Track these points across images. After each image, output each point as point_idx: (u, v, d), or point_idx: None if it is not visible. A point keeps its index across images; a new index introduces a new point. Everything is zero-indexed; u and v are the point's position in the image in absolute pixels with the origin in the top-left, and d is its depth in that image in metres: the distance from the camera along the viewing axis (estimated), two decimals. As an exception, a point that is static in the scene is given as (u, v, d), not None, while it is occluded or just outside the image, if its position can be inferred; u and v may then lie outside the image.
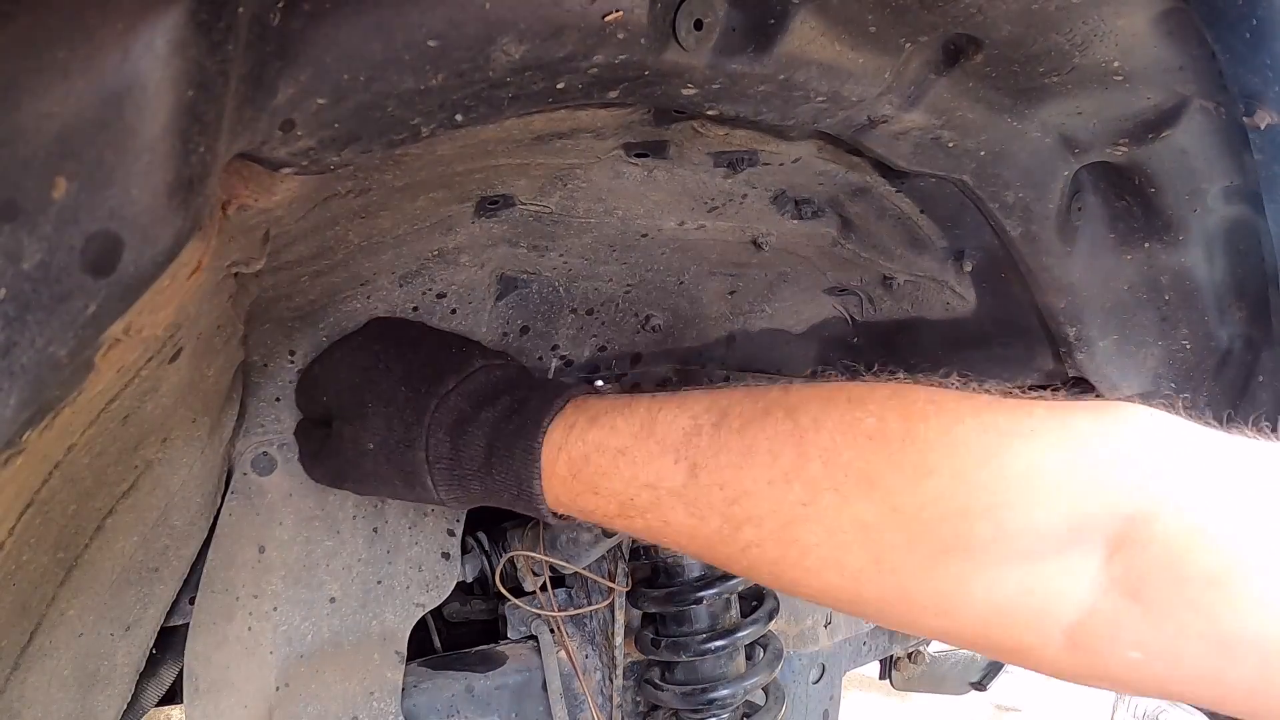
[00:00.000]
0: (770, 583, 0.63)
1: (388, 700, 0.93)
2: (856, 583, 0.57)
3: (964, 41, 0.76)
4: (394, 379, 0.77)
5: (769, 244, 1.06)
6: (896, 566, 0.55)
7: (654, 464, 0.62)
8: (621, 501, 0.64)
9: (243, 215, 0.59)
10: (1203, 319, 1.06)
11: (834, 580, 0.57)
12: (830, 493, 0.55)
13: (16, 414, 0.41)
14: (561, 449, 0.68)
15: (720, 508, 0.59)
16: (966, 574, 0.53)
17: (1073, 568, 0.52)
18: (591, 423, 0.66)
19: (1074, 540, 0.51)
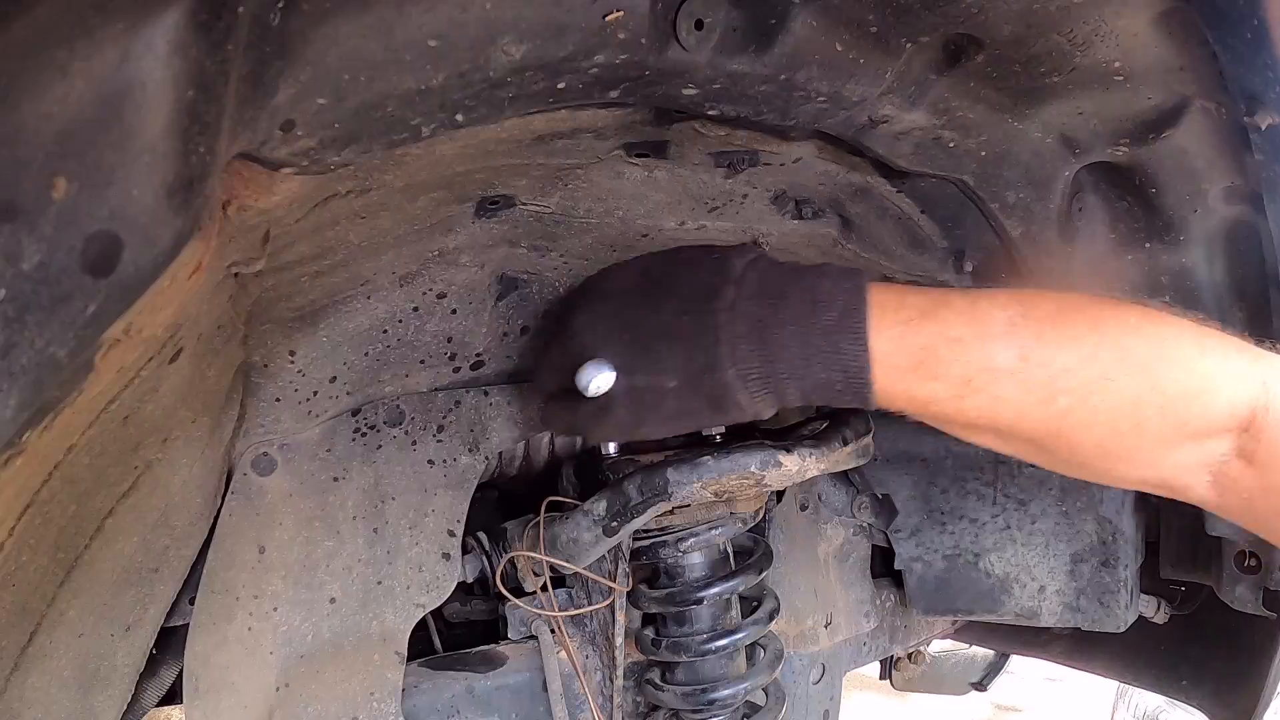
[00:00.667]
0: (1066, 437, 0.77)
1: (388, 700, 0.93)
2: (1120, 439, 0.76)
3: (965, 41, 0.76)
4: (668, 312, 0.77)
5: (769, 244, 1.06)
6: (1148, 430, 0.75)
7: (988, 349, 0.74)
8: (960, 383, 0.74)
9: (243, 215, 0.59)
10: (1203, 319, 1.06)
11: (1107, 435, 0.76)
12: (1119, 372, 0.74)
13: (16, 414, 0.41)
14: (900, 340, 0.74)
15: (1044, 382, 0.74)
16: (1177, 440, 0.76)
17: (1221, 441, 0.76)
18: (923, 315, 0.75)
19: (1228, 423, 0.75)
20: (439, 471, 0.99)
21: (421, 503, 0.97)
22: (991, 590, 1.31)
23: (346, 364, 0.92)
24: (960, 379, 0.74)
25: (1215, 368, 0.75)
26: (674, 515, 1.00)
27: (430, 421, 0.99)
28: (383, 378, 0.96)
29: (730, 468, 0.91)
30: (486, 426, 1.02)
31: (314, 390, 0.91)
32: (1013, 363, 0.74)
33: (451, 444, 1.00)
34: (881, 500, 1.33)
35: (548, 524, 1.00)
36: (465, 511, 1.00)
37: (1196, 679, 1.29)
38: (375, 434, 0.96)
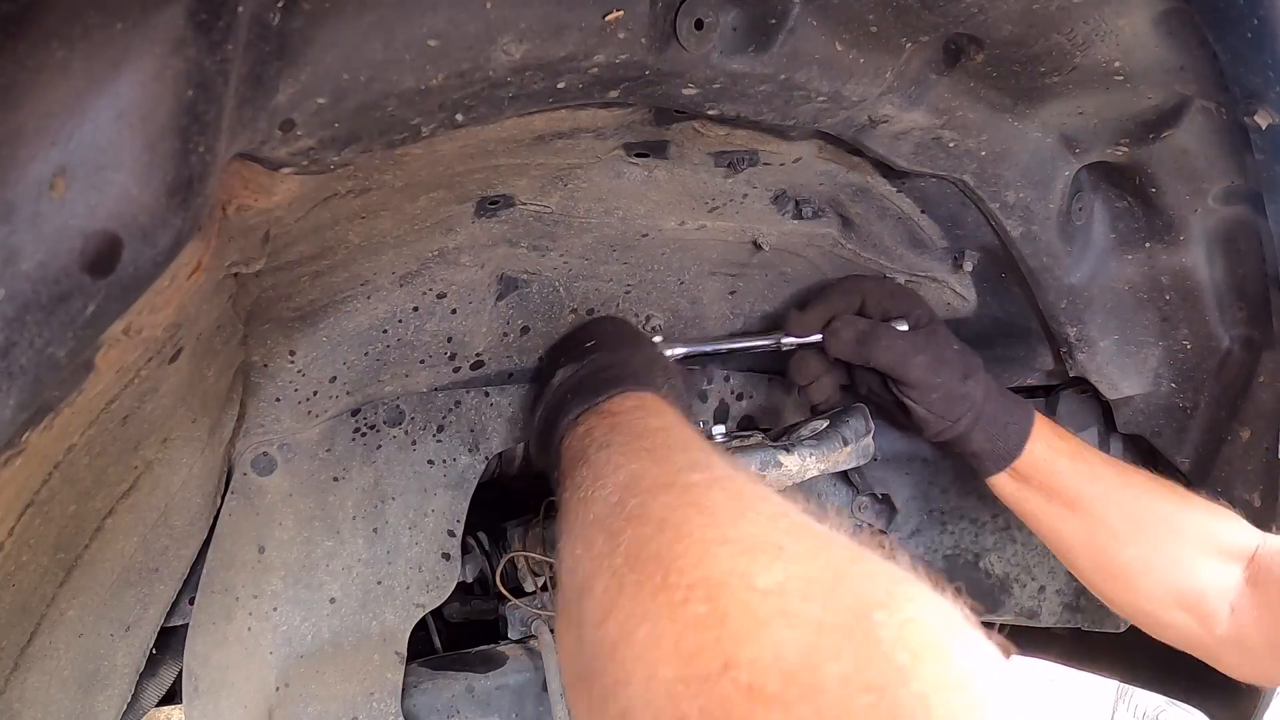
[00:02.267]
0: (1088, 558, 1.06)
1: (388, 701, 0.93)
2: (1159, 545, 1.01)
3: (965, 41, 0.76)
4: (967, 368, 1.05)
5: (769, 244, 1.06)
6: (1187, 536, 1.00)
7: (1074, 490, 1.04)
8: (1062, 500, 1.04)
9: (243, 215, 0.59)
10: (1203, 319, 1.06)
11: (1149, 545, 1.01)
12: (1162, 499, 1.02)
13: (16, 414, 0.41)
14: (1044, 454, 1.04)
15: (1093, 527, 1.04)
16: (1209, 550, 0.98)
17: (1237, 567, 0.97)
18: (1062, 444, 1.06)
19: (1242, 551, 0.97)
20: (439, 471, 0.99)
21: (421, 503, 0.97)
22: (991, 590, 1.31)
23: (346, 364, 0.92)
24: (1062, 498, 1.04)
25: (1228, 511, 1.00)
26: (674, 515, 1.00)
27: (430, 421, 0.99)
28: (383, 378, 0.96)
29: (730, 468, 0.90)
30: (486, 426, 1.02)
31: (314, 390, 0.91)
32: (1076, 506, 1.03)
33: (451, 444, 1.00)
34: (881, 500, 1.33)
35: (548, 524, 1.00)
36: (465, 511, 1.00)
37: (1197, 678, 1.29)
38: (375, 434, 0.96)
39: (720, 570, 0.46)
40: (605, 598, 0.51)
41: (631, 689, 0.44)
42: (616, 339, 0.95)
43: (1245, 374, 1.06)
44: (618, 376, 0.85)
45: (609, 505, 0.59)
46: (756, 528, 0.50)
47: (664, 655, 0.43)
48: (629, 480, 0.61)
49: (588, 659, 0.51)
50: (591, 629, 0.51)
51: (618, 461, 0.65)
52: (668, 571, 0.47)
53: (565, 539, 0.63)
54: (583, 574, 0.56)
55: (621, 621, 0.48)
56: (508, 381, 1.06)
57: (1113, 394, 1.13)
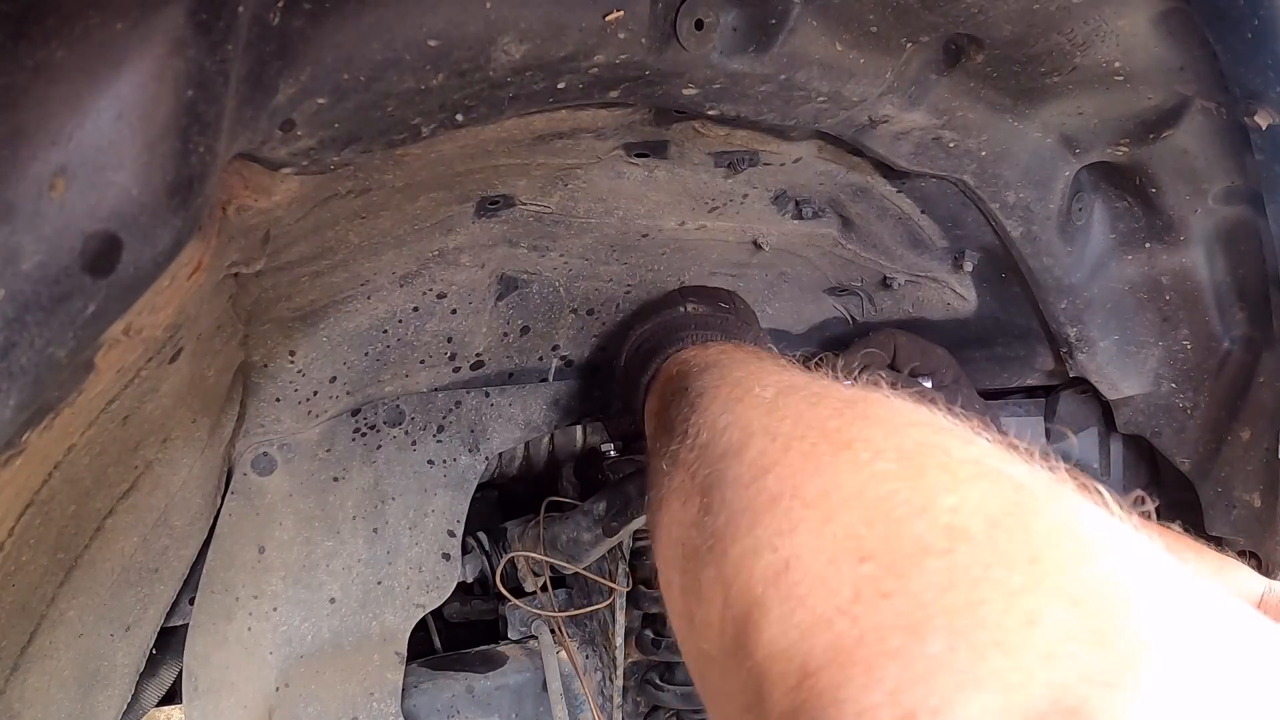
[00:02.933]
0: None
1: (388, 701, 0.93)
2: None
3: (965, 41, 0.76)
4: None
5: (769, 244, 1.06)
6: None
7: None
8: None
9: (243, 215, 0.59)
10: (1203, 319, 1.06)
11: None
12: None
13: (16, 415, 0.41)
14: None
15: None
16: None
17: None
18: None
19: (1253, 595, 0.82)
20: (439, 471, 0.99)
21: (421, 503, 0.97)
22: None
23: (346, 364, 0.92)
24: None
25: (1236, 560, 0.92)
26: (674, 515, 1.00)
27: (430, 421, 0.99)
28: (383, 378, 0.96)
29: (730, 468, 0.90)
30: (486, 427, 1.02)
31: (314, 390, 0.91)
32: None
33: (451, 444, 1.00)
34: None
35: (548, 524, 1.00)
36: (465, 511, 1.00)
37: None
38: (375, 434, 0.96)
39: (913, 441, 0.43)
40: (764, 457, 0.47)
41: (797, 537, 0.41)
42: (747, 314, 0.98)
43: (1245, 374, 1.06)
44: (755, 335, 0.86)
45: (769, 389, 0.55)
46: (944, 421, 0.47)
47: (845, 501, 0.40)
48: (792, 381, 0.57)
49: (728, 518, 0.46)
50: (740, 487, 0.47)
51: (773, 368, 0.62)
52: (851, 440, 0.44)
53: (698, 416, 0.59)
54: (730, 440, 0.52)
55: (787, 476, 0.44)
56: (508, 381, 1.06)
57: (1113, 394, 1.13)
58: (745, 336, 0.85)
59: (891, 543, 0.37)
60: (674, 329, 0.86)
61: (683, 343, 0.81)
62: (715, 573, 0.46)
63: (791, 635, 0.37)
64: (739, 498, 0.47)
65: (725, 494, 0.49)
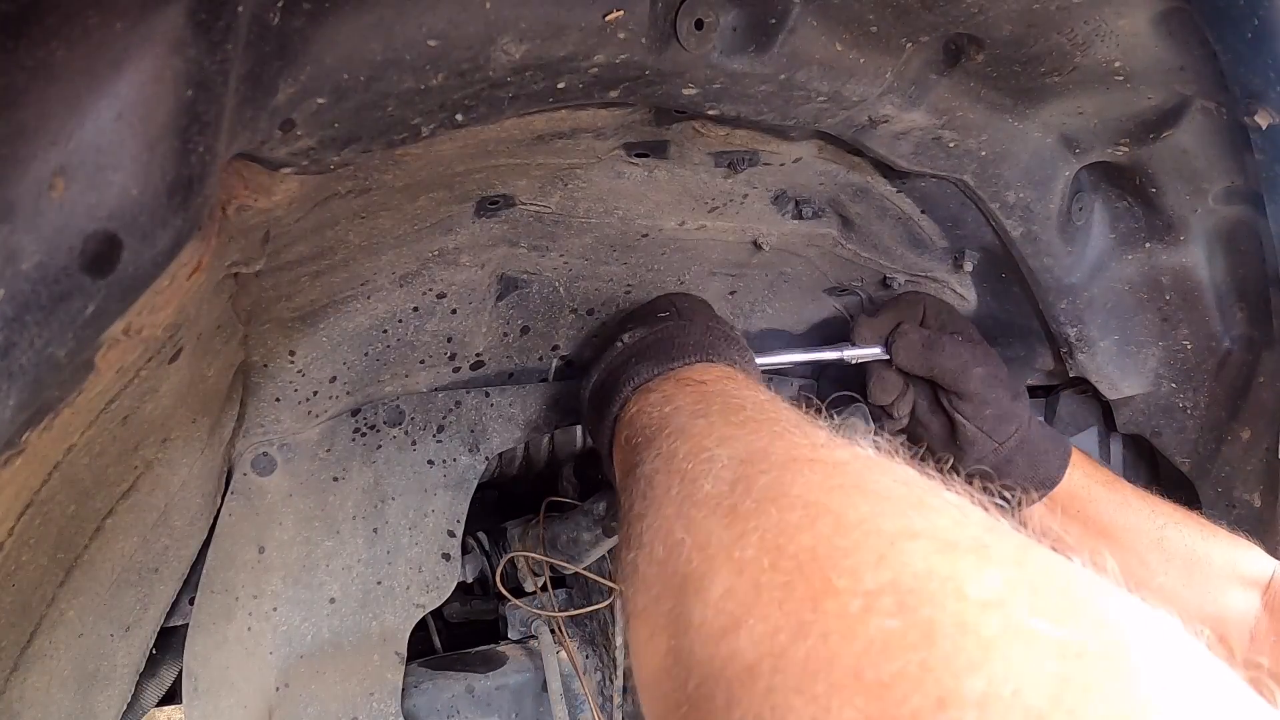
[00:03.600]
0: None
1: (388, 701, 0.93)
2: (1192, 572, 1.03)
3: (965, 41, 0.76)
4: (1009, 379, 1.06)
5: (769, 244, 1.06)
6: (1214, 564, 1.00)
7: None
8: (1097, 529, 1.06)
9: (243, 215, 0.59)
10: (1203, 319, 1.06)
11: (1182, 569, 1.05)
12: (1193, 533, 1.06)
13: (16, 415, 0.41)
14: (1082, 482, 1.06)
15: (1126, 556, 1.07)
16: (1233, 579, 0.99)
17: (1256, 594, 0.98)
18: (1096, 472, 1.09)
19: (1261, 577, 0.98)
20: (439, 471, 0.99)
21: (421, 503, 0.97)
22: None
23: (346, 364, 0.92)
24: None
25: (1245, 540, 1.01)
26: (674, 515, 1.00)
27: (430, 421, 0.99)
28: (383, 378, 0.96)
29: (730, 468, 0.90)
30: (487, 427, 1.02)
31: (314, 390, 0.91)
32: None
33: (451, 444, 1.00)
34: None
35: (548, 524, 1.00)
36: (465, 511, 1.00)
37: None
38: (375, 434, 0.96)
39: (912, 572, 0.34)
40: (730, 601, 0.39)
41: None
42: (690, 310, 0.88)
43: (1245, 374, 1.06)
44: (699, 344, 0.76)
45: (724, 482, 0.47)
46: (946, 519, 0.38)
47: (840, 686, 0.32)
48: (749, 454, 0.48)
49: (698, 683, 0.39)
50: (706, 641, 0.39)
51: (725, 433, 0.53)
52: (833, 572, 0.36)
53: (651, 519, 0.51)
54: (687, 566, 0.44)
55: (763, 637, 0.36)
56: (508, 381, 1.06)
57: (1113, 394, 1.13)
58: (687, 351, 0.76)
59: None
60: (616, 374, 0.78)
61: (624, 389, 0.74)
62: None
63: None
64: (709, 658, 0.39)
65: (692, 645, 0.40)
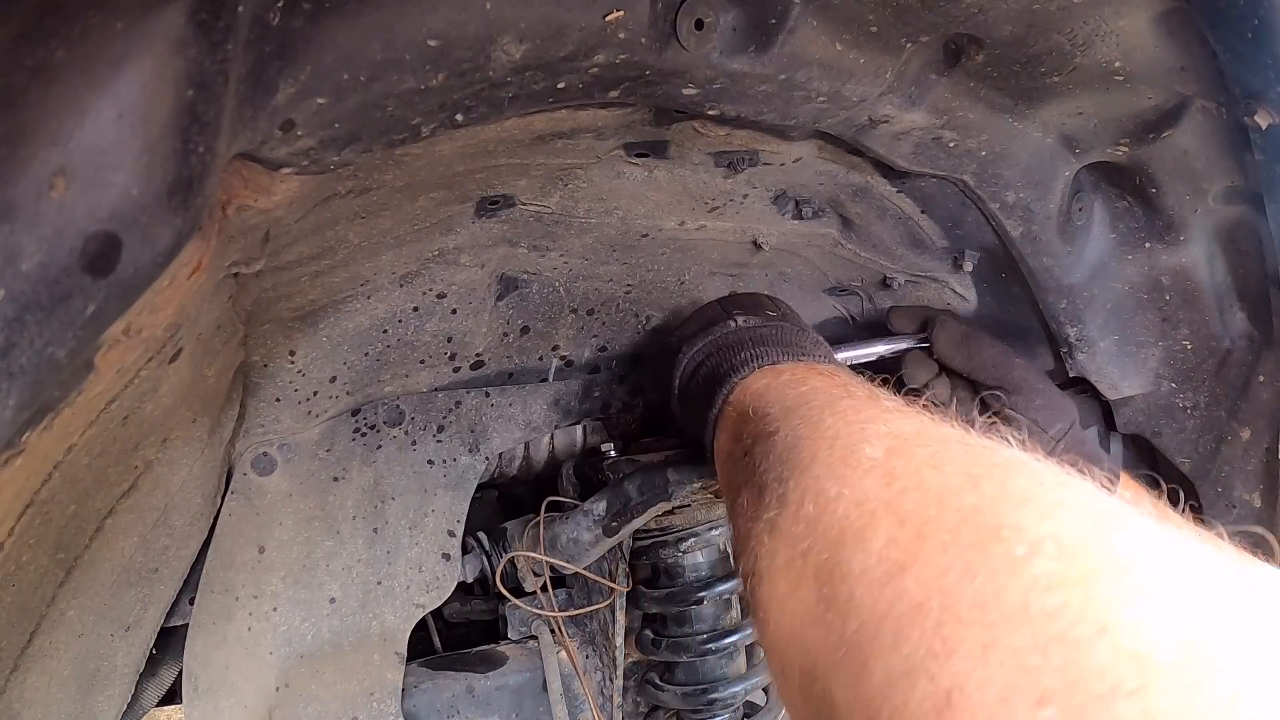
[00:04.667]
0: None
1: (388, 701, 0.93)
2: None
3: (965, 41, 0.76)
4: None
5: (769, 244, 1.06)
6: None
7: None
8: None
9: (243, 215, 0.59)
10: (1203, 319, 1.06)
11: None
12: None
13: (16, 415, 0.41)
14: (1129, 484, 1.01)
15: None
16: None
17: None
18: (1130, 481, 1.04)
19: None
20: (439, 471, 0.99)
21: (421, 503, 0.97)
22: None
23: (346, 364, 0.92)
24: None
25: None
26: (674, 515, 1.00)
27: (430, 421, 0.99)
28: (383, 378, 0.96)
29: (730, 468, 0.90)
30: (487, 427, 1.02)
31: (314, 390, 0.91)
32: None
33: (451, 444, 1.00)
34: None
35: (548, 524, 1.00)
36: (465, 511, 1.00)
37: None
38: (375, 434, 0.96)
39: (1069, 528, 0.38)
40: (894, 549, 0.42)
41: (959, 662, 0.35)
42: (795, 316, 0.92)
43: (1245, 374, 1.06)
44: (818, 345, 0.80)
45: (880, 449, 0.49)
46: (1090, 496, 0.41)
47: (1009, 616, 0.35)
48: (904, 430, 0.51)
49: (859, 625, 0.41)
50: (870, 586, 0.41)
51: (874, 412, 0.56)
52: (1000, 523, 0.39)
53: (796, 479, 0.52)
54: (844, 520, 0.46)
55: (931, 578, 0.39)
56: (508, 381, 1.06)
57: (1113, 394, 1.13)
58: (808, 349, 0.78)
59: (1072, 678, 0.32)
60: (730, 350, 0.79)
61: (746, 367, 0.75)
62: (853, 694, 0.40)
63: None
64: (873, 600, 0.41)
65: (853, 591, 0.43)
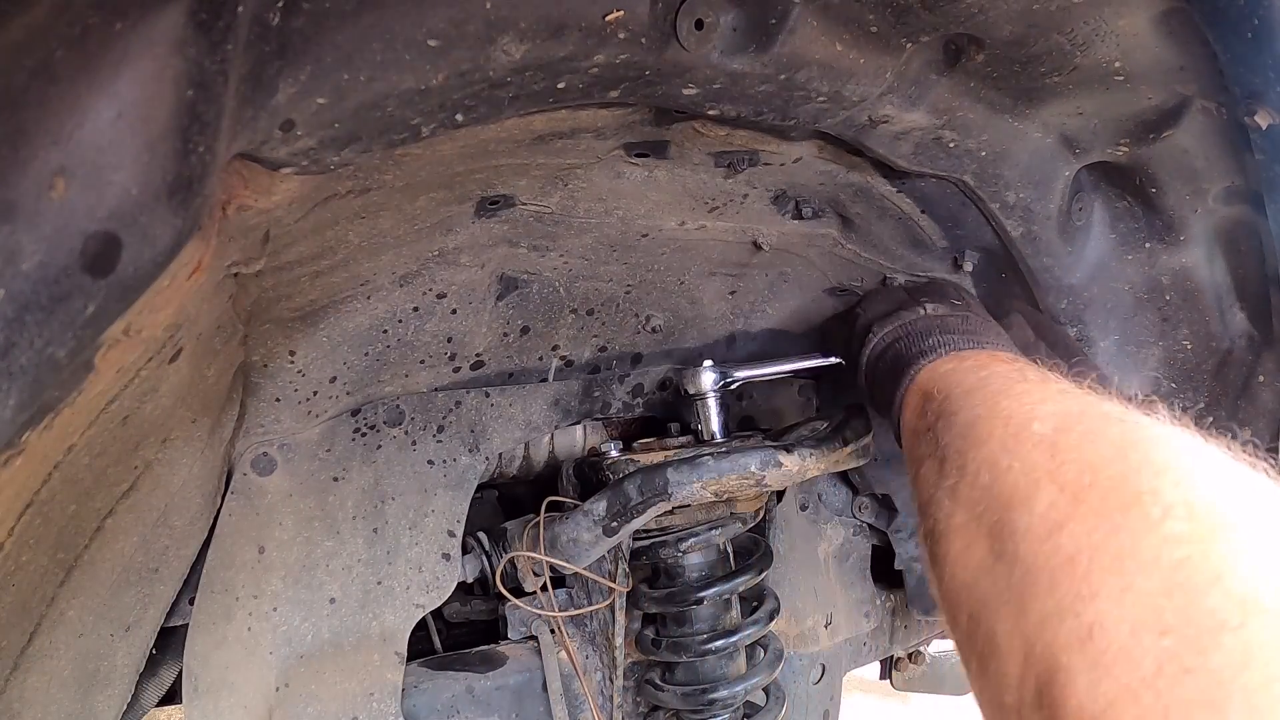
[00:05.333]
0: None
1: (388, 701, 0.93)
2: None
3: (965, 41, 0.76)
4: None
5: (769, 244, 1.06)
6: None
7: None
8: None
9: (243, 215, 0.59)
10: (1203, 319, 1.06)
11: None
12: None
13: (16, 415, 0.41)
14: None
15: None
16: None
17: None
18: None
19: None
20: (439, 471, 0.99)
21: (421, 503, 0.97)
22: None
23: (346, 364, 0.92)
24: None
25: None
26: (674, 515, 1.00)
27: (430, 421, 0.99)
28: (383, 378, 0.96)
29: (730, 468, 0.91)
30: (487, 427, 1.02)
31: (314, 390, 0.91)
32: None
33: (451, 444, 1.00)
34: (881, 500, 1.33)
35: (548, 524, 1.00)
36: (465, 511, 1.00)
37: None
38: (375, 434, 0.96)
39: (1198, 494, 0.46)
40: (1055, 510, 0.50)
41: (1099, 603, 0.44)
42: (977, 303, 1.00)
43: (1245, 374, 1.06)
44: (1000, 334, 0.88)
45: (1048, 427, 0.57)
46: (1217, 465, 0.50)
47: (1142, 566, 0.43)
48: (1069, 411, 0.59)
49: (1023, 573, 0.50)
50: (1034, 541, 0.50)
51: (1044, 395, 0.64)
52: (1138, 491, 0.47)
53: (975, 452, 0.61)
54: (1013, 487, 0.55)
55: (1082, 534, 0.47)
56: (508, 381, 1.06)
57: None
58: (991, 339, 0.87)
59: (1189, 615, 0.40)
60: (920, 335, 0.87)
61: (934, 352, 0.83)
62: (1013, 627, 0.49)
63: (1099, 703, 0.41)
64: (1033, 553, 0.50)
65: (1018, 546, 0.51)
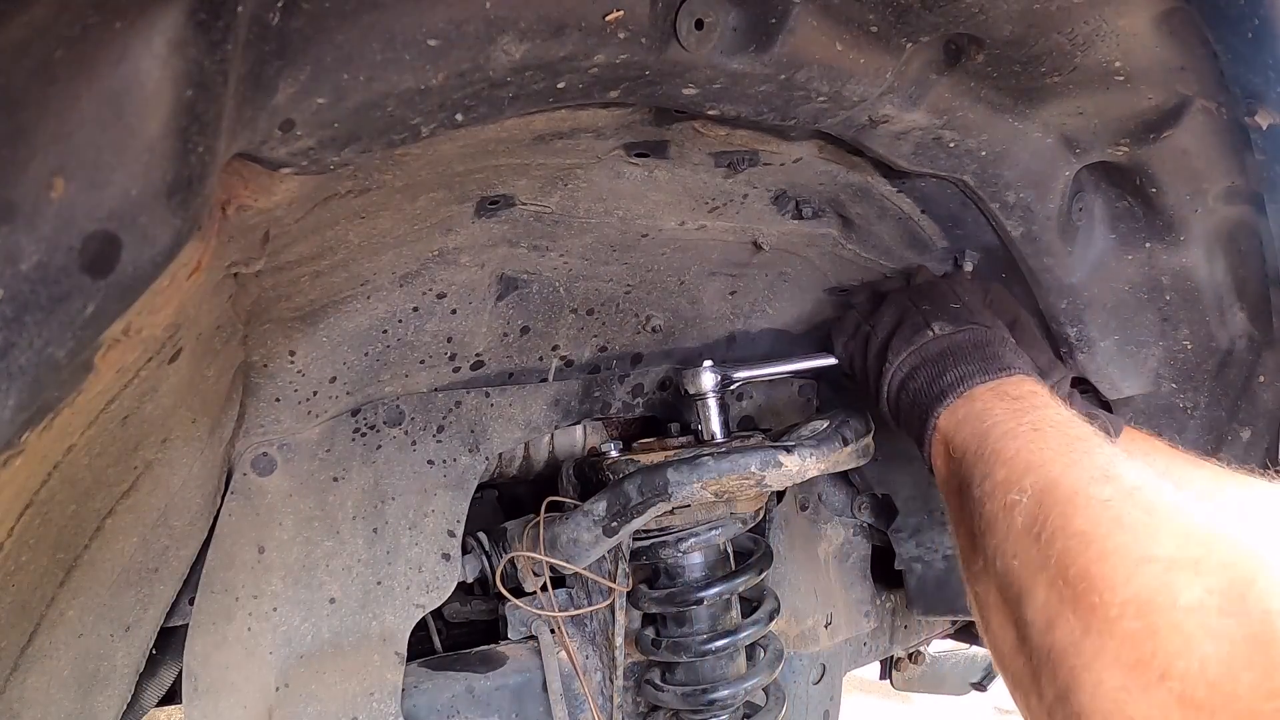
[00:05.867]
0: None
1: (388, 701, 0.93)
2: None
3: (965, 41, 0.76)
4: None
5: (769, 244, 1.06)
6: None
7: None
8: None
9: (242, 215, 0.59)
10: (1204, 319, 1.06)
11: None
12: None
13: (15, 415, 0.41)
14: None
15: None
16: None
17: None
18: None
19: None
20: (439, 472, 0.99)
21: (421, 503, 0.97)
22: (992, 590, 1.31)
23: (346, 364, 0.92)
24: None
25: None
26: (674, 515, 1.00)
27: (430, 422, 0.99)
28: (383, 378, 0.96)
29: (730, 468, 0.90)
30: (487, 427, 1.02)
31: (314, 390, 0.91)
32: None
33: (451, 444, 1.00)
34: (881, 500, 1.33)
35: (548, 524, 1.00)
36: (465, 511, 1.00)
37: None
38: (375, 434, 0.96)
39: (1147, 589, 0.54)
40: (1047, 609, 0.60)
41: (1082, 695, 0.54)
42: (982, 306, 0.97)
43: (1245, 374, 1.06)
44: (1004, 356, 0.86)
45: (1030, 517, 0.65)
46: (1173, 543, 0.56)
47: (1107, 665, 0.53)
48: (1045, 486, 0.66)
49: (1036, 659, 0.60)
50: (1037, 633, 0.60)
51: (1029, 460, 0.70)
52: (1100, 590, 0.56)
53: (989, 539, 0.69)
54: (1020, 581, 0.64)
55: (1065, 633, 0.57)
56: (508, 381, 1.06)
57: (1113, 394, 1.13)
58: (1001, 355, 0.85)
59: (1144, 710, 0.50)
60: (935, 372, 0.86)
61: (952, 393, 0.84)
62: (1036, 705, 0.60)
63: None
64: (1039, 645, 0.60)
65: (1029, 635, 0.61)
